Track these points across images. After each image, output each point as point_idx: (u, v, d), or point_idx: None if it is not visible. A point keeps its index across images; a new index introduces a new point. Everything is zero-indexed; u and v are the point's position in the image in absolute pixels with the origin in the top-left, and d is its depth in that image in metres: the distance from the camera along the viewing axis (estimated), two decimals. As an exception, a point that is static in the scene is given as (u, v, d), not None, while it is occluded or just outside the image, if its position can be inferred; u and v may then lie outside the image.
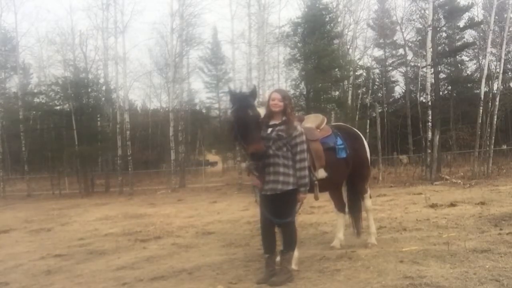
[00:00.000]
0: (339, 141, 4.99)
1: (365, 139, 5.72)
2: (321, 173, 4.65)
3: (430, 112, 18.14)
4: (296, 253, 4.45)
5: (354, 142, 5.27)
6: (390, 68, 38.26)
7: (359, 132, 5.74)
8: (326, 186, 4.90)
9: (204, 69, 40.64)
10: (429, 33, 18.74)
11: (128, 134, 23.57)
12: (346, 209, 5.56)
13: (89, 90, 23.58)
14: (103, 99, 25.26)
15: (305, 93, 19.90)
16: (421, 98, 28.69)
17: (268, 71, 24.93)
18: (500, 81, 20.99)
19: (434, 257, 4.41)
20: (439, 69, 29.81)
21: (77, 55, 25.89)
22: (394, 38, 36.33)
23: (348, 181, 5.40)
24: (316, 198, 4.59)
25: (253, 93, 4.30)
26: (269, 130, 4.14)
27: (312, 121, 5.08)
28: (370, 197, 5.59)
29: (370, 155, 5.56)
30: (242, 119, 4.04)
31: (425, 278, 3.68)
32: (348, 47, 25.62)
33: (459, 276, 3.69)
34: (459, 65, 35.17)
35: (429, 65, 19.06)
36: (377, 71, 37.06)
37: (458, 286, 3.47)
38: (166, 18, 37.81)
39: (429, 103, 18.57)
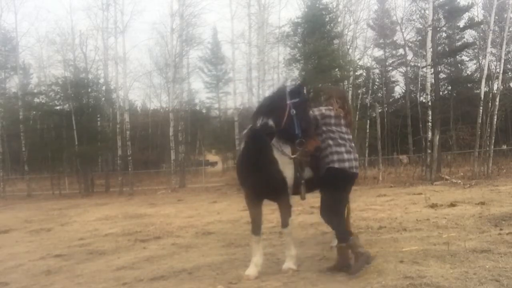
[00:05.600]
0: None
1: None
2: (307, 173, 4.50)
3: (430, 112, 18.14)
4: (295, 253, 4.46)
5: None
6: (390, 68, 38.32)
7: None
8: (312, 186, 4.72)
9: (204, 69, 40.69)
10: (429, 33, 18.75)
11: (128, 134, 23.58)
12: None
13: (89, 90, 23.61)
14: (103, 99, 25.30)
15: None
16: (421, 98, 28.72)
17: (268, 71, 24.94)
18: (500, 81, 21.00)
19: (434, 257, 4.41)
20: (439, 69, 29.84)
21: (77, 55, 25.94)
22: (394, 38, 36.42)
23: None
24: (303, 198, 4.48)
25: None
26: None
27: None
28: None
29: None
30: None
31: (425, 278, 3.67)
32: (348, 47, 25.61)
33: (459, 276, 3.68)
34: (459, 65, 35.23)
35: (429, 65, 19.06)
36: (377, 71, 37.12)
37: (458, 286, 3.47)
38: (166, 18, 38.05)
39: (429, 103, 18.57)
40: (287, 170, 4.31)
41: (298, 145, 3.99)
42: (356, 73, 26.80)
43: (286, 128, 4.00)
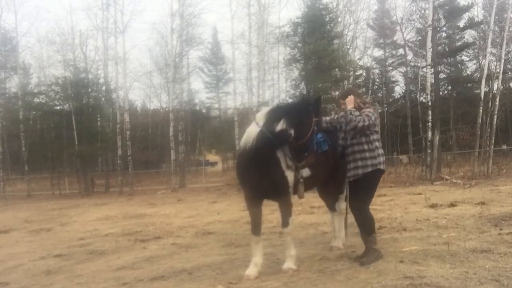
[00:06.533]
0: (319, 135, 4.68)
1: None
2: (305, 171, 4.50)
3: (430, 112, 18.14)
4: (295, 253, 4.46)
5: (332, 134, 4.96)
6: (390, 68, 38.27)
7: None
8: (311, 184, 4.76)
9: (204, 69, 40.70)
10: (429, 33, 18.75)
11: (128, 134, 23.58)
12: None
13: (89, 90, 23.60)
14: (103, 99, 25.29)
15: (305, 93, 19.91)
16: (421, 98, 28.71)
17: (268, 71, 24.95)
18: (500, 81, 20.99)
19: (434, 257, 4.41)
20: (439, 69, 29.81)
21: (77, 55, 25.91)
22: (394, 38, 36.37)
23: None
24: (301, 197, 4.47)
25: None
26: None
27: None
28: (345, 200, 5.41)
29: None
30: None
31: (425, 278, 3.67)
32: (348, 47, 25.61)
33: (459, 276, 3.68)
34: (459, 65, 35.18)
35: (429, 65, 19.06)
36: (377, 71, 37.10)
37: (458, 286, 3.47)
38: (166, 18, 38.01)
39: (429, 103, 18.57)
40: (289, 169, 4.33)
41: (305, 157, 4.23)
42: (356, 73, 26.82)
43: (306, 143, 4.18)
